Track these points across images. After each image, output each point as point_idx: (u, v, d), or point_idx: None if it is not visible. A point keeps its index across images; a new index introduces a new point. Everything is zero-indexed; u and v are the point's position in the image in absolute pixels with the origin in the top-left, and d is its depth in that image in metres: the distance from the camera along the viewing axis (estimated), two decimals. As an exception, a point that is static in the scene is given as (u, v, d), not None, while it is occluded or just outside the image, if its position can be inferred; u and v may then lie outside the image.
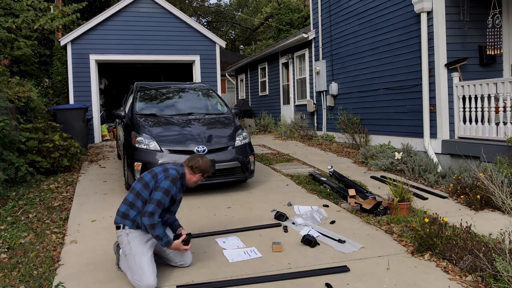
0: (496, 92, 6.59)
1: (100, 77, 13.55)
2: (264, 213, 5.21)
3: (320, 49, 11.93)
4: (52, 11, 12.30)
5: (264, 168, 8.23)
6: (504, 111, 6.49)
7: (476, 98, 7.00)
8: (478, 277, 3.56)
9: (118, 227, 3.73)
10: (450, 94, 7.48)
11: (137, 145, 6.34)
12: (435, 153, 7.61)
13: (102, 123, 12.96)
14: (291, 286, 3.53)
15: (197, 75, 13.07)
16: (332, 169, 7.44)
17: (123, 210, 3.72)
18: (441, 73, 7.49)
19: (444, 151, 7.46)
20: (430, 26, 7.65)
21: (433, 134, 7.72)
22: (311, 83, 12.72)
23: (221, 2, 43.43)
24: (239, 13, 39.51)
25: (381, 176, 7.25)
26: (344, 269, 3.82)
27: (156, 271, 3.55)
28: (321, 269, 3.82)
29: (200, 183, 6.19)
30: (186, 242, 3.80)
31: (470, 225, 4.37)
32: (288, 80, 14.62)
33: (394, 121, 8.88)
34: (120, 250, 3.78)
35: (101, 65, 13.15)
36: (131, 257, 3.53)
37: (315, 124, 12.49)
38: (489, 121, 6.82)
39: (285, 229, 4.88)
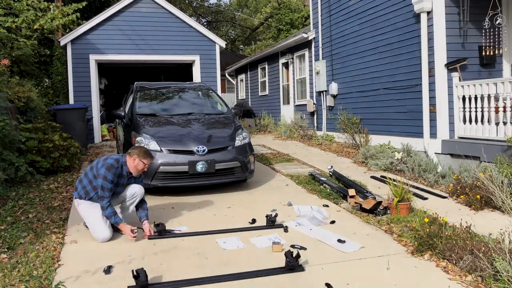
0: (496, 92, 6.59)
1: (100, 77, 13.55)
2: (264, 213, 5.21)
3: (320, 49, 11.93)
4: (52, 11, 12.28)
5: (264, 168, 8.23)
6: (504, 111, 6.49)
7: (476, 98, 7.00)
8: (478, 277, 3.56)
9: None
10: (450, 94, 7.48)
11: (137, 145, 6.34)
12: (435, 153, 7.61)
13: (102, 123, 12.96)
14: (291, 285, 3.53)
15: (197, 75, 13.07)
16: (332, 169, 7.43)
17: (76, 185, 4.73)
18: (441, 73, 7.49)
19: (444, 151, 7.46)
20: (430, 26, 7.64)
21: (433, 134, 7.71)
22: (311, 83, 12.72)
23: (221, 2, 43.43)
24: (239, 13, 39.49)
25: (381, 176, 7.25)
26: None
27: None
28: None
29: (200, 183, 6.30)
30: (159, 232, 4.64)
31: (470, 225, 4.37)
32: (288, 80, 14.62)
33: (394, 121, 8.88)
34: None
35: (101, 65, 13.15)
36: (86, 219, 4.64)
37: (315, 124, 12.48)
38: (489, 121, 6.81)
39: (286, 229, 4.89)
